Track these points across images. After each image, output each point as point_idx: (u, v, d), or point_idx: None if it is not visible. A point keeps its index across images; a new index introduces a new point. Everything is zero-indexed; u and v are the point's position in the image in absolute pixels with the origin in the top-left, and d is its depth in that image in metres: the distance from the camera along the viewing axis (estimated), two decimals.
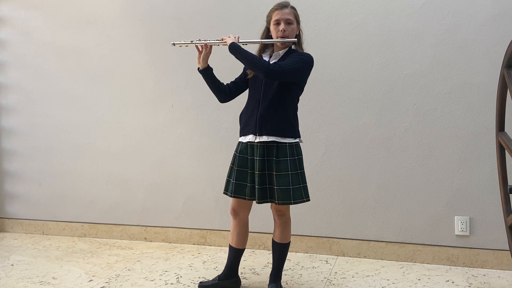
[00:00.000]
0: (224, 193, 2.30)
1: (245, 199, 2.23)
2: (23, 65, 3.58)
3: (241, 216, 2.33)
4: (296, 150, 2.20)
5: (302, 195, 2.18)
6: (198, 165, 3.22)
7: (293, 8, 2.23)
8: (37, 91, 3.55)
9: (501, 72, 2.19)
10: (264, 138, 2.16)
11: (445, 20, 2.74)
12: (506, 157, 2.32)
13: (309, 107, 2.97)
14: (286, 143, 2.17)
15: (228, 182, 2.28)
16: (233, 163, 2.27)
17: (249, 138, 2.21)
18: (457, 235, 2.76)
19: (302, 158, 2.23)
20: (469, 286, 2.45)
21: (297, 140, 2.23)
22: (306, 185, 2.22)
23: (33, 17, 3.53)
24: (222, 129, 3.15)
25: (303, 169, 2.22)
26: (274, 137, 2.16)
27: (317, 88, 2.95)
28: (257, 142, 2.18)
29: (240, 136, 2.29)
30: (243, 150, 2.23)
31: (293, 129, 2.21)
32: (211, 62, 2.32)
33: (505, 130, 2.30)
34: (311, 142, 2.98)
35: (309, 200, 2.21)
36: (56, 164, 3.53)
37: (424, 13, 2.77)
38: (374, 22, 2.85)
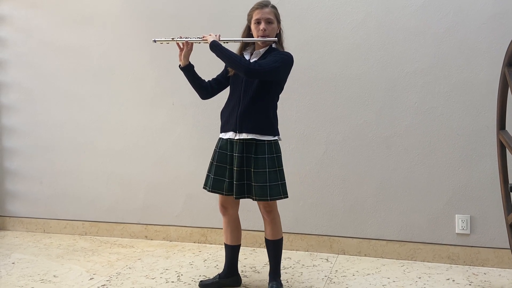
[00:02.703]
0: (203, 187, 2.33)
1: (222, 194, 2.26)
2: (23, 64, 3.58)
3: (230, 213, 2.35)
4: (275, 147, 2.23)
5: (279, 192, 2.20)
6: (198, 163, 3.22)
7: (273, 7, 2.25)
8: (38, 90, 3.55)
9: (502, 70, 2.19)
10: (244, 136, 2.20)
11: (446, 18, 2.74)
12: (507, 155, 2.32)
13: (309, 105, 2.97)
14: (265, 140, 2.20)
15: (207, 177, 2.32)
16: (213, 158, 2.31)
17: (229, 135, 2.25)
18: (457, 234, 2.76)
19: (280, 155, 2.26)
20: (470, 285, 2.45)
21: (276, 138, 2.25)
22: (285, 182, 2.24)
23: (34, 16, 3.53)
24: None
25: (282, 166, 2.24)
26: (254, 135, 2.19)
27: (317, 87, 2.95)
28: (237, 139, 2.20)
29: (221, 133, 2.32)
30: (223, 146, 2.27)
31: (272, 127, 2.23)
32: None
33: (506, 129, 2.30)
34: (311, 141, 2.98)
35: (287, 197, 2.23)
36: (57, 162, 3.54)
37: (425, 11, 2.76)
38: (375, 21, 2.85)
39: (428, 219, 2.80)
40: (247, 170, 2.21)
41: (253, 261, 2.85)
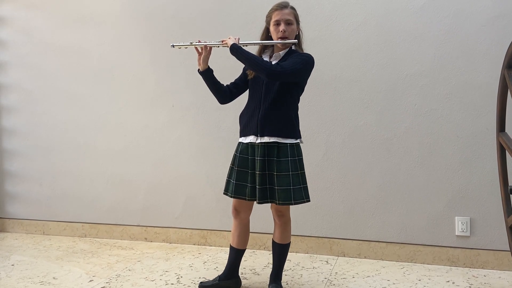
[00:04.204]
0: (224, 193, 2.30)
1: (245, 199, 2.22)
2: (24, 65, 3.58)
3: (242, 216, 2.33)
4: (297, 150, 2.20)
5: (302, 196, 2.18)
6: (198, 165, 3.22)
7: (293, 8, 2.23)
8: (38, 91, 3.55)
9: (502, 72, 2.19)
10: (266, 139, 2.16)
11: (446, 20, 2.74)
12: (507, 157, 2.32)
13: (309, 107, 2.98)
14: (287, 143, 2.17)
15: (228, 182, 2.28)
16: (233, 163, 2.27)
17: (250, 138, 2.21)
18: (457, 236, 2.76)
19: (302, 158, 2.23)
20: (470, 287, 2.45)
21: (298, 140, 2.23)
22: (307, 186, 2.22)
23: (34, 17, 3.54)
24: (223, 129, 3.16)
25: (304, 169, 2.22)
26: (276, 138, 2.16)
27: (317, 89, 2.95)
28: (258, 143, 2.18)
29: (241, 137, 2.28)
30: (243, 151, 2.23)
31: (294, 130, 2.21)
32: (212, 63, 2.32)
33: (506, 131, 2.30)
34: (311, 143, 2.98)
35: (309, 200, 2.21)
36: (56, 164, 3.54)
37: (424, 13, 2.77)
38: (375, 23, 2.85)
39: (428, 221, 2.80)
40: (269, 174, 2.17)
41: (253, 263, 2.85)
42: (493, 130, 2.65)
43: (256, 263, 2.84)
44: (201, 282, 2.41)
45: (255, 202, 2.25)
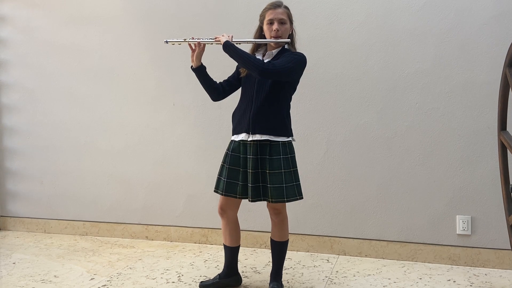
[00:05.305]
0: (214, 191, 2.31)
1: (236, 197, 2.24)
2: (24, 64, 3.58)
3: (229, 215, 2.34)
4: (289, 148, 2.22)
5: (295, 193, 2.19)
6: (199, 163, 3.22)
7: (286, 7, 2.24)
8: (39, 90, 3.56)
9: (503, 71, 2.19)
10: (257, 137, 2.18)
11: (447, 19, 2.73)
12: (508, 156, 2.32)
13: (310, 106, 2.97)
14: (279, 141, 2.19)
15: (219, 180, 2.29)
16: (224, 161, 2.28)
17: (242, 136, 2.22)
18: (458, 234, 2.76)
19: (294, 156, 2.24)
20: (471, 286, 2.45)
21: (289, 138, 2.24)
22: (299, 183, 2.23)
23: (35, 16, 3.54)
24: (223, 128, 3.15)
25: (296, 167, 2.23)
26: (267, 136, 2.18)
27: (318, 87, 2.95)
28: (250, 141, 2.19)
29: (233, 135, 2.30)
30: (235, 149, 2.24)
31: (286, 128, 2.22)
32: (208, 62, 2.32)
33: (507, 129, 2.30)
34: (312, 141, 2.98)
35: (302, 198, 2.22)
36: (57, 162, 3.54)
37: (425, 12, 2.76)
38: (376, 21, 2.85)
39: (429, 220, 2.80)
40: (262, 172, 2.19)
41: (253, 261, 2.85)
42: (495, 128, 2.64)
43: (257, 262, 2.84)
44: (201, 282, 2.42)
45: (243, 200, 2.27)
